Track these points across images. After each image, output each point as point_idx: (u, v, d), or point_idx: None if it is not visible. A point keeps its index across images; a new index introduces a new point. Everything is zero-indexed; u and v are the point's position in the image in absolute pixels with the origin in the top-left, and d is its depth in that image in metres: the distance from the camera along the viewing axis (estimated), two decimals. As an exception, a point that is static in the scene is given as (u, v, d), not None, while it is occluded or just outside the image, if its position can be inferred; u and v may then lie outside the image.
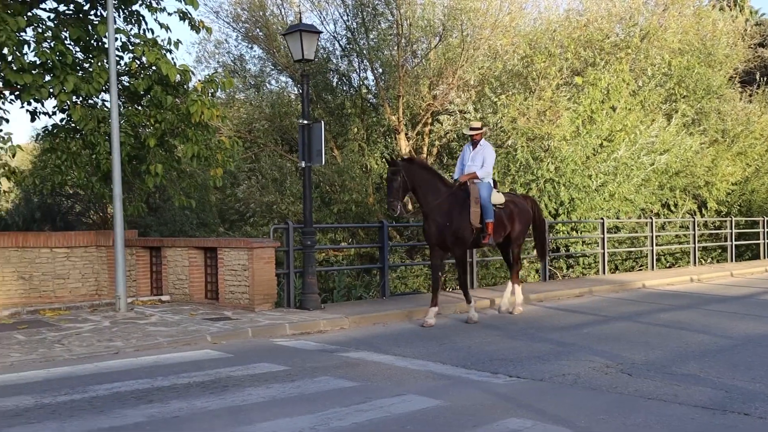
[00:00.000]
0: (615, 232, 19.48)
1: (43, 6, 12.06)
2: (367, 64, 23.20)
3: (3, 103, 12.11)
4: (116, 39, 11.53)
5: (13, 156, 12.80)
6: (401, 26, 21.72)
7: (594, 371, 7.13)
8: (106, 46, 11.72)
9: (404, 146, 22.06)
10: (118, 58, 11.85)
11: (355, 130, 22.75)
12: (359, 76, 24.04)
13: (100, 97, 12.70)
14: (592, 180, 18.55)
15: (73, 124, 12.45)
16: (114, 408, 5.85)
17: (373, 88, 23.98)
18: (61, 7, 12.23)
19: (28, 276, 13.02)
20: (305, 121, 11.71)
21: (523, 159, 18.40)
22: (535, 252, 14.03)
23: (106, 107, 12.38)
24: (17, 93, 11.73)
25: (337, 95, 24.27)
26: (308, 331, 9.91)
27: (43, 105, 12.67)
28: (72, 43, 11.99)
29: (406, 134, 22.29)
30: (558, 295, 13.84)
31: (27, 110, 12.83)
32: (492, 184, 11.04)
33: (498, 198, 11.14)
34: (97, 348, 8.46)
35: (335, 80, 24.67)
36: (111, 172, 11.73)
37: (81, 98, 11.99)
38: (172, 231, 21.09)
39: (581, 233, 18.71)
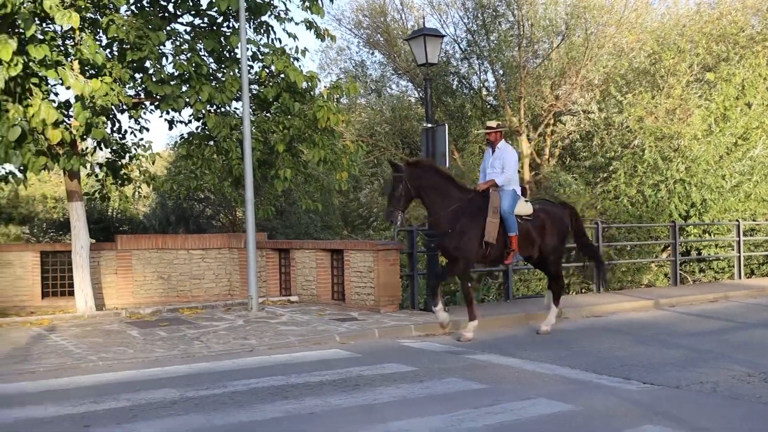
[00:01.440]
0: (751, 235, 18.52)
1: (180, 20, 12.70)
2: (488, 65, 23.13)
3: (144, 113, 12.84)
4: (247, 49, 12.01)
5: (153, 163, 13.57)
6: (522, 26, 21.52)
7: (734, 380, 6.83)
8: (238, 56, 12.23)
9: (526, 148, 21.82)
10: (248, 68, 12.32)
11: (476, 132, 22.69)
12: (479, 78, 24.02)
13: (232, 105, 13.24)
14: (726, 180, 17.73)
15: (207, 132, 13.04)
16: (253, 403, 6.11)
17: (494, 90, 23.87)
18: (197, 21, 12.83)
19: (167, 276, 13.75)
20: (429, 125, 11.80)
21: (650, 159, 17.82)
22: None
23: (238, 115, 12.90)
24: (157, 103, 12.41)
25: (457, 97, 24.31)
26: (433, 333, 9.97)
27: (180, 114, 13.34)
28: (206, 55, 12.55)
29: (528, 136, 22.05)
30: (690, 300, 13.30)
31: (165, 119, 13.57)
32: (518, 192, 9.76)
33: (524, 208, 9.76)
34: (233, 345, 8.84)
35: (455, 83, 24.72)
36: (242, 177, 12.24)
37: (215, 107, 12.55)
38: (298, 234, 21.69)
39: (714, 236, 17.90)
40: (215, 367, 7.74)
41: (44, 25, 11.15)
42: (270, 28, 13.32)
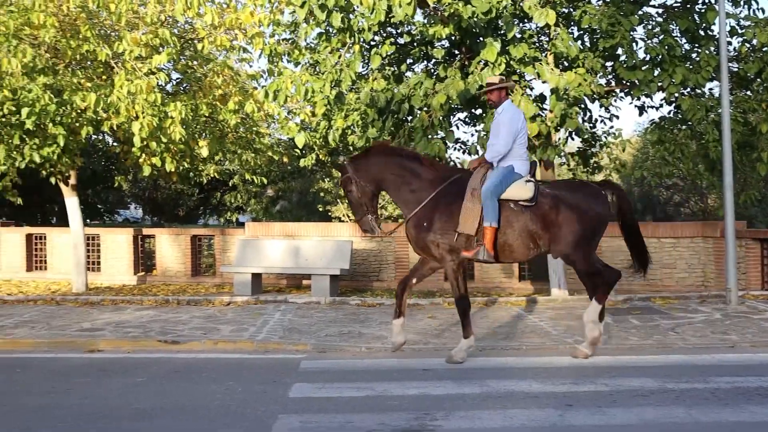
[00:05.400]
0: None
1: (651, 3, 12.41)
2: None
3: (614, 101, 12.86)
4: (726, 24, 11.24)
5: (623, 150, 13.54)
6: None
7: None
8: (715, 33, 11.51)
9: None
10: (726, 44, 11.51)
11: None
12: None
13: (706, 86, 12.52)
14: None
15: (680, 115, 12.54)
16: (738, 402, 5.71)
17: None
18: (669, 2, 12.41)
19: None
20: None
21: None
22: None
23: (714, 95, 12.16)
24: (627, 90, 12.34)
25: None
26: None
27: (651, 99, 13.06)
28: (679, 35, 12.06)
29: None
30: None
31: (635, 105, 13.41)
32: (520, 169, 7.38)
33: (521, 191, 7.32)
34: (711, 339, 8.40)
35: None
36: (719, 161, 11.52)
37: (688, 89, 12.00)
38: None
39: None
40: (693, 360, 7.44)
41: (522, 24, 11.89)
42: (751, -2, 12.26)
